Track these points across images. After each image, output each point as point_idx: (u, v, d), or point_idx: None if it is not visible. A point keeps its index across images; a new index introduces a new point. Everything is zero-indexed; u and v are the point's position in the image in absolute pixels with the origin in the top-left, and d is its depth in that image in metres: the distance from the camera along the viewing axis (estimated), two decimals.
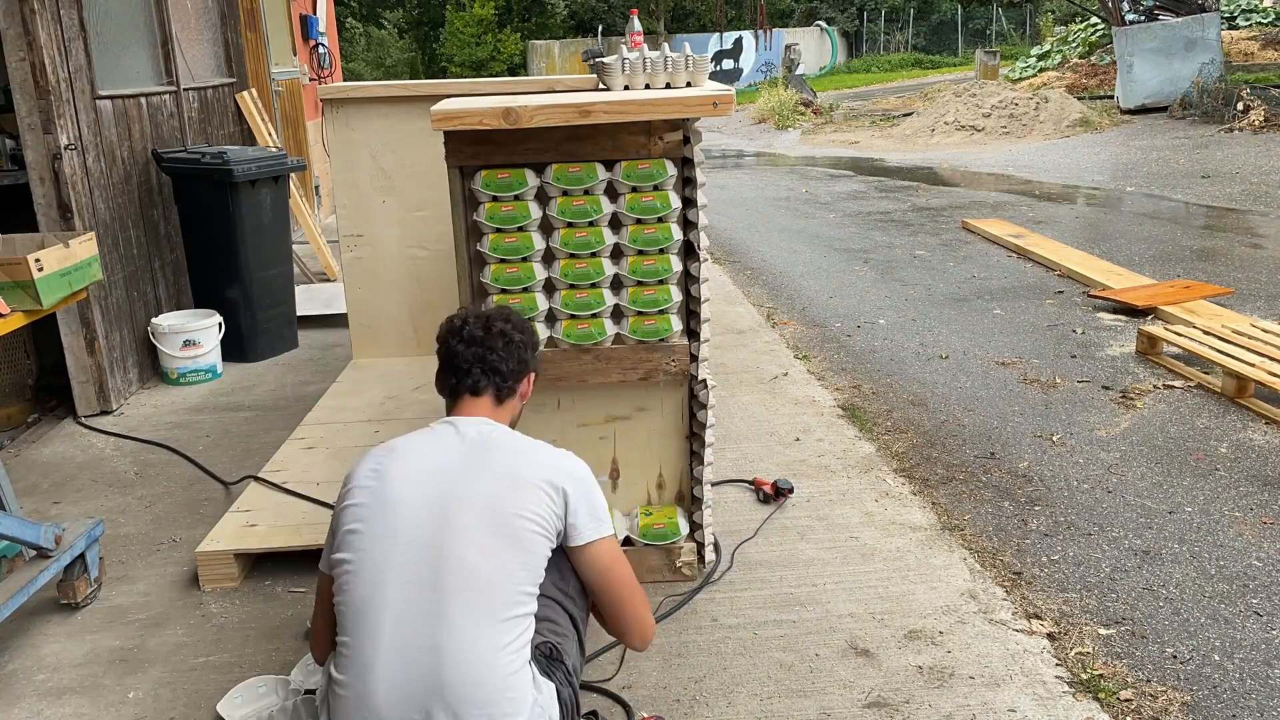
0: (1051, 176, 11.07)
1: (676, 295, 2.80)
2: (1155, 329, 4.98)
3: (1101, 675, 2.54)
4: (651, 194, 2.73)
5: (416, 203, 4.56)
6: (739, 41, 31.78)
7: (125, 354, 4.82)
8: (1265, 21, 19.32)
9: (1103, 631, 2.75)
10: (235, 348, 5.30)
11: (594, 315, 2.80)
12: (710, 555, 3.07)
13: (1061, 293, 6.25)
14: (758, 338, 5.52)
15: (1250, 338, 4.70)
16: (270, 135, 6.77)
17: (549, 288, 2.81)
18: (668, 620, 2.80)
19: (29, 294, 2.82)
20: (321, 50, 10.15)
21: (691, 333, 2.87)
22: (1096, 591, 2.95)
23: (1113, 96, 15.46)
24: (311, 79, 9.76)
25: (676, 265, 2.78)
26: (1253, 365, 4.35)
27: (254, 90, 6.92)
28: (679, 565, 2.98)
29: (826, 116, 18.16)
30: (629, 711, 2.42)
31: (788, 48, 22.21)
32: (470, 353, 2.13)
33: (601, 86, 3.06)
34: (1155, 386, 4.57)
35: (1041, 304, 6.03)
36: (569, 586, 2.06)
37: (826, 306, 6.25)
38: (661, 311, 2.80)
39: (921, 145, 14.39)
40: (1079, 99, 15.34)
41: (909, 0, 36.47)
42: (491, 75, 28.04)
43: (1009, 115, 14.55)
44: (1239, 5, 19.80)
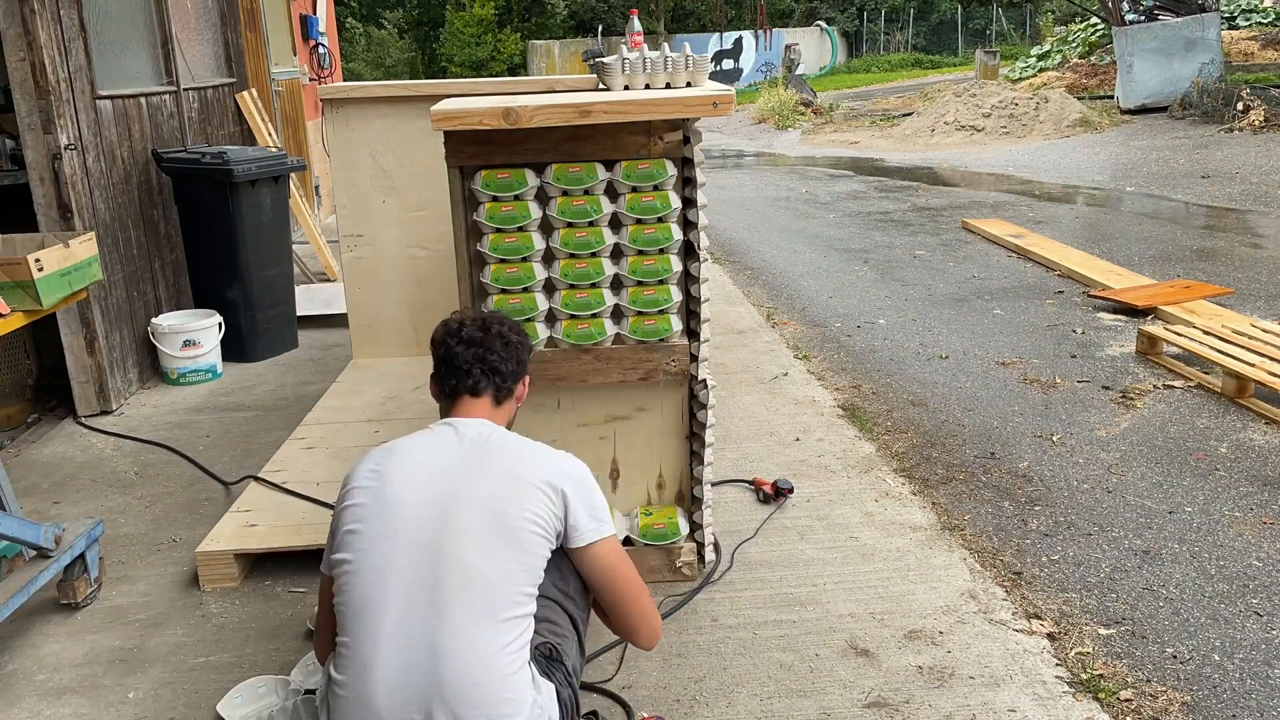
0: (1051, 176, 11.07)
1: (676, 295, 2.80)
2: (1155, 329, 4.98)
3: (1101, 675, 2.54)
4: (651, 194, 2.73)
5: (416, 203, 4.56)
6: (739, 41, 31.78)
7: (125, 354, 4.82)
8: (1265, 21, 19.32)
9: (1103, 631, 2.75)
10: (235, 348, 5.30)
11: (594, 315, 2.80)
12: (710, 555, 3.07)
13: (1061, 293, 6.26)
14: (758, 338, 5.52)
15: (1250, 338, 4.70)
16: (270, 135, 6.77)
17: (549, 288, 2.81)
18: (668, 620, 2.80)
19: (29, 294, 2.82)
20: (321, 50, 10.15)
21: (691, 333, 2.87)
22: (1096, 591, 2.95)
23: (1113, 96, 15.46)
24: (311, 79, 9.76)
25: (676, 265, 2.78)
26: (1253, 365, 4.35)
27: (254, 90, 6.92)
28: (679, 565, 2.98)
29: (826, 116, 18.16)
30: (629, 711, 2.42)
31: (788, 48, 22.21)
32: (470, 353, 2.13)
33: (601, 86, 3.06)
34: (1155, 386, 4.57)
35: (1041, 304, 6.03)
36: (569, 587, 2.06)
37: (826, 306, 6.25)
38: (661, 311, 2.80)
39: (921, 145, 14.39)
40: (1079, 99, 15.34)
41: (909, 0, 36.47)
42: (491, 75, 28.04)
43: (1009, 115, 14.55)
44: (1239, 5, 19.81)
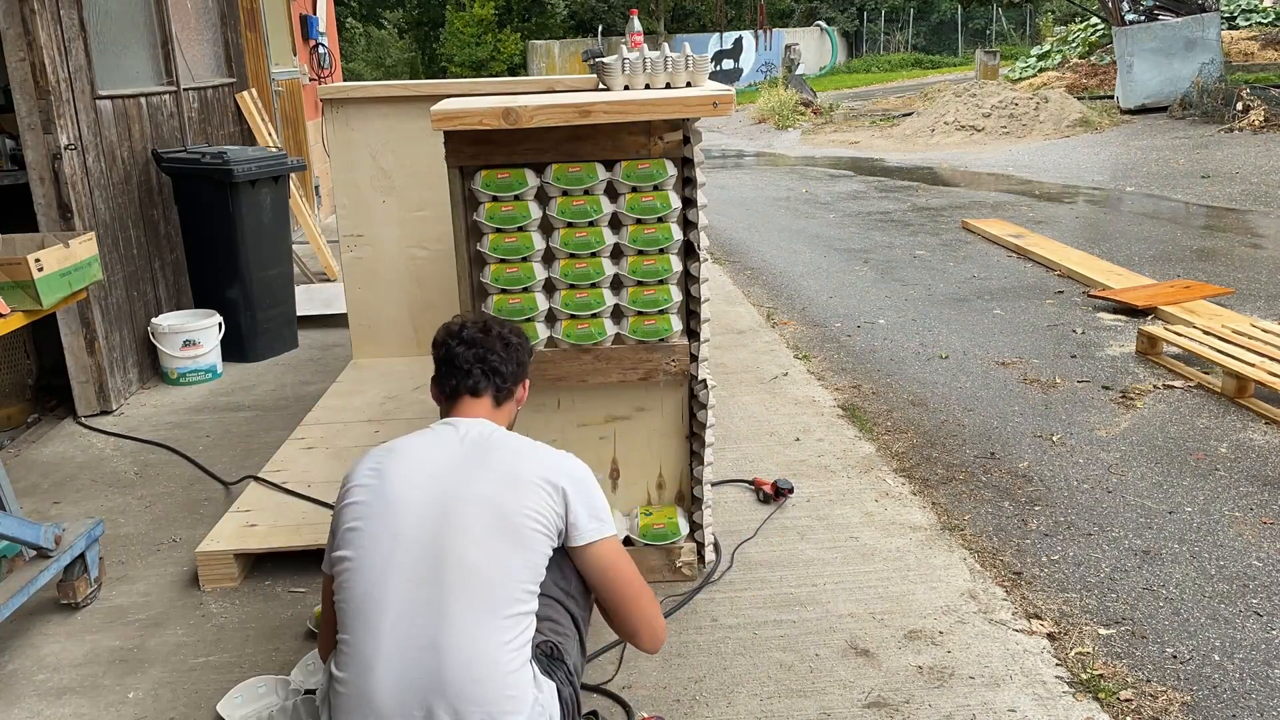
0: (1051, 176, 11.07)
1: (676, 295, 2.80)
2: (1155, 329, 4.98)
3: (1101, 675, 2.54)
4: (651, 194, 2.73)
5: (416, 203, 4.56)
6: (739, 41, 31.78)
7: (125, 354, 4.82)
8: (1265, 21, 19.33)
9: (1103, 631, 2.75)
10: (235, 348, 5.30)
11: (594, 315, 2.80)
12: (710, 555, 3.07)
13: (1061, 293, 6.25)
14: (758, 338, 5.52)
15: (1250, 338, 4.70)
16: (270, 135, 6.77)
17: (549, 288, 2.81)
18: (668, 620, 2.79)
19: (29, 294, 2.82)
20: (321, 50, 10.15)
21: (691, 333, 2.87)
22: (1096, 591, 2.95)
23: (1113, 96, 15.46)
24: (311, 79, 9.76)
25: (676, 265, 2.78)
26: (1253, 365, 4.35)
27: (254, 90, 6.92)
28: (679, 565, 2.98)
29: (826, 116, 18.16)
30: (629, 711, 2.42)
31: (788, 48, 22.21)
32: (471, 353, 2.15)
33: (601, 86, 3.06)
34: (1155, 386, 4.57)
35: (1041, 304, 6.03)
36: (570, 586, 2.06)
37: (826, 306, 6.25)
38: (661, 311, 2.80)
39: (921, 145, 14.39)
40: (1079, 99, 15.34)
41: (909, 0, 36.47)
42: (491, 75, 28.05)
43: (1009, 115, 14.55)
44: (1239, 5, 19.81)
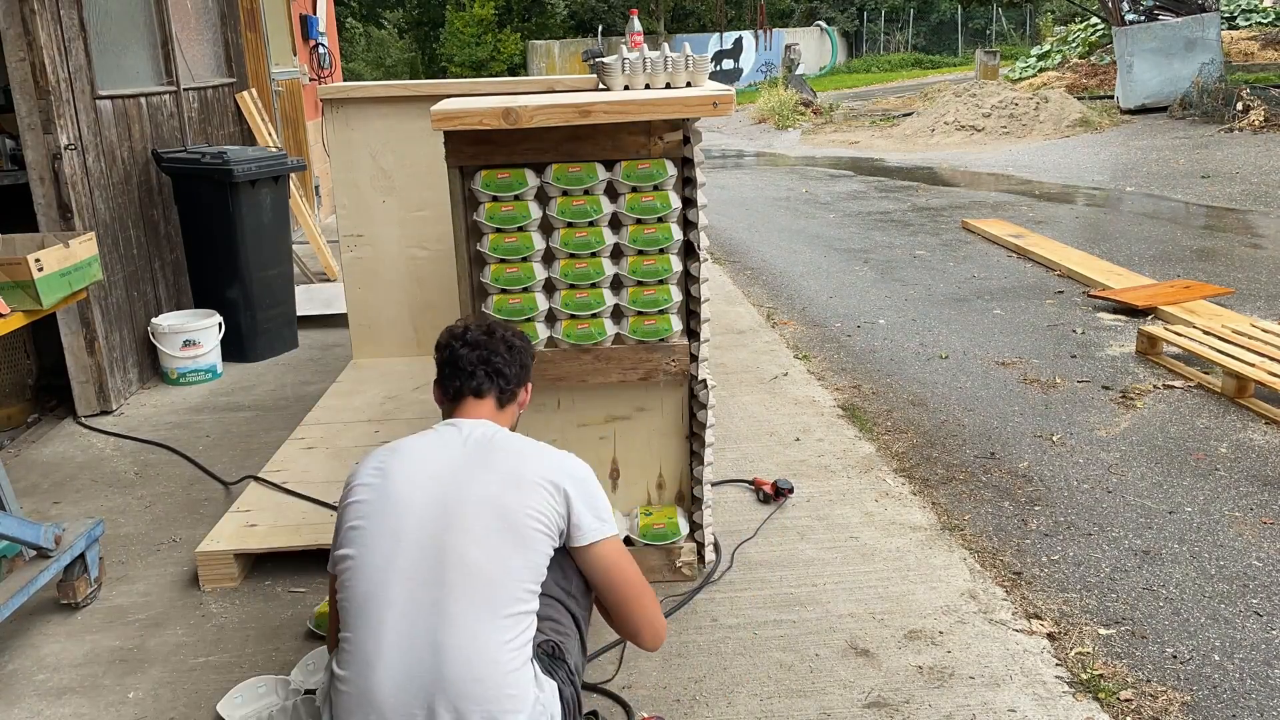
0: (1051, 176, 11.07)
1: (676, 295, 2.80)
2: (1155, 329, 4.98)
3: (1101, 675, 2.54)
4: (651, 194, 2.73)
5: (416, 203, 4.56)
6: (739, 41, 31.78)
7: (125, 354, 4.82)
8: (1265, 21, 19.33)
9: (1103, 631, 2.75)
10: (235, 348, 5.30)
11: (594, 315, 2.80)
12: (710, 555, 3.07)
13: (1061, 293, 6.25)
14: (758, 338, 5.52)
15: (1250, 338, 4.70)
16: (270, 135, 6.77)
17: (549, 288, 2.81)
18: (668, 620, 2.79)
19: (29, 294, 2.82)
20: (321, 50, 10.15)
21: (691, 333, 2.87)
22: (1096, 591, 2.95)
23: (1113, 96, 15.46)
24: (311, 79, 9.76)
25: (676, 265, 2.78)
26: (1253, 365, 4.35)
27: (254, 90, 6.92)
28: (679, 565, 2.98)
29: (826, 116, 18.16)
30: (629, 711, 2.42)
31: (788, 48, 22.21)
32: (474, 355, 2.15)
33: (601, 86, 3.06)
34: (1155, 386, 4.57)
35: (1041, 304, 6.03)
36: (571, 586, 2.06)
37: (826, 306, 6.25)
38: (661, 311, 2.80)
39: (921, 145, 14.39)
40: (1079, 99, 15.34)
41: (909, 0, 36.47)
42: (491, 75, 28.05)
43: (1009, 115, 14.55)
44: (1239, 5, 19.81)
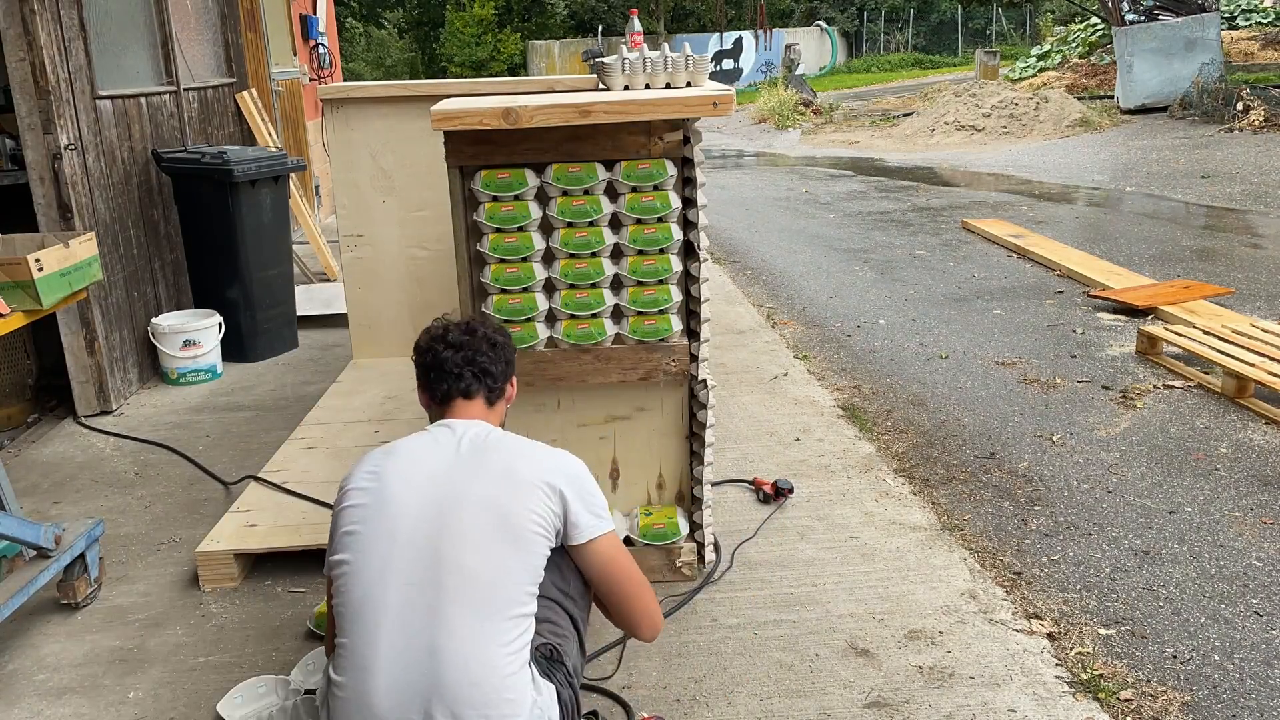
0: (1051, 176, 11.07)
1: (676, 295, 2.80)
2: (1155, 329, 4.98)
3: (1101, 675, 2.54)
4: (651, 194, 2.73)
5: (416, 203, 4.56)
6: (739, 41, 31.78)
7: (125, 354, 4.82)
8: (1265, 21, 19.33)
9: (1103, 631, 2.75)
10: (235, 348, 5.30)
11: (594, 315, 2.80)
12: (710, 555, 3.07)
13: (1061, 293, 6.25)
14: (758, 338, 5.52)
15: (1250, 338, 4.70)
16: (270, 135, 6.77)
17: (549, 288, 2.81)
18: (668, 620, 2.79)
19: (29, 294, 2.82)
20: (321, 50, 10.15)
21: (691, 333, 2.87)
22: (1096, 591, 2.95)
23: (1113, 96, 15.46)
24: (311, 79, 9.76)
25: (676, 265, 2.78)
26: (1253, 365, 4.35)
27: (254, 90, 6.92)
28: (679, 565, 2.98)
29: (826, 116, 18.16)
30: (629, 711, 2.42)
31: (788, 48, 22.21)
32: (459, 356, 2.14)
33: (601, 86, 3.05)
34: (1155, 386, 4.57)
35: (1041, 304, 6.03)
36: (569, 587, 2.06)
37: (826, 306, 6.25)
38: (661, 311, 2.80)
39: (921, 145, 14.39)
40: (1079, 99, 15.34)
41: (909, 0, 36.47)
42: (491, 75, 28.04)
43: (1009, 115, 14.55)
44: (1239, 5, 19.81)
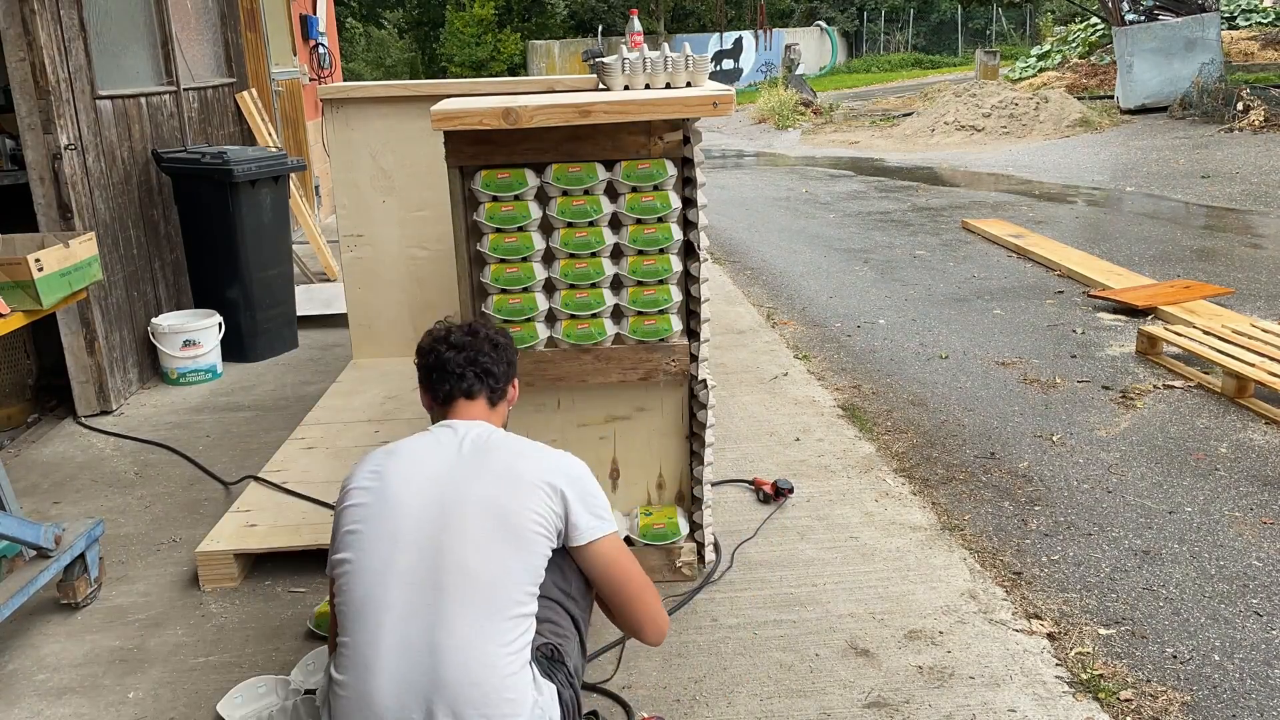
0: (1051, 176, 11.07)
1: (676, 295, 2.80)
2: (1155, 329, 4.98)
3: (1101, 675, 2.54)
4: (651, 194, 2.73)
5: (416, 203, 4.56)
6: (739, 41, 31.78)
7: (125, 354, 4.82)
8: (1265, 21, 19.33)
9: (1103, 631, 2.75)
10: (235, 348, 5.30)
11: (594, 315, 2.80)
12: (710, 555, 3.07)
13: (1061, 293, 6.25)
14: (758, 338, 5.52)
15: (1250, 338, 4.70)
16: (270, 135, 6.77)
17: (549, 288, 2.81)
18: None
19: (29, 294, 2.82)
20: (321, 50, 10.15)
21: (691, 333, 2.87)
22: (1096, 591, 2.95)
23: (1113, 96, 15.46)
24: (311, 79, 9.76)
25: (676, 265, 2.78)
26: (1253, 365, 4.35)
27: (254, 90, 6.92)
28: (679, 565, 2.98)
29: (826, 116, 18.16)
30: (629, 711, 2.42)
31: (788, 48, 22.22)
32: (461, 357, 2.14)
33: (601, 86, 3.05)
34: (1155, 386, 4.57)
35: (1041, 304, 6.03)
36: (570, 587, 2.06)
37: (826, 306, 6.25)
38: (661, 311, 2.80)
39: (921, 145, 14.39)
40: (1079, 99, 15.34)
41: (909, 0, 36.47)
42: (491, 75, 28.04)
43: (1009, 115, 14.55)
44: (1239, 5, 19.81)
